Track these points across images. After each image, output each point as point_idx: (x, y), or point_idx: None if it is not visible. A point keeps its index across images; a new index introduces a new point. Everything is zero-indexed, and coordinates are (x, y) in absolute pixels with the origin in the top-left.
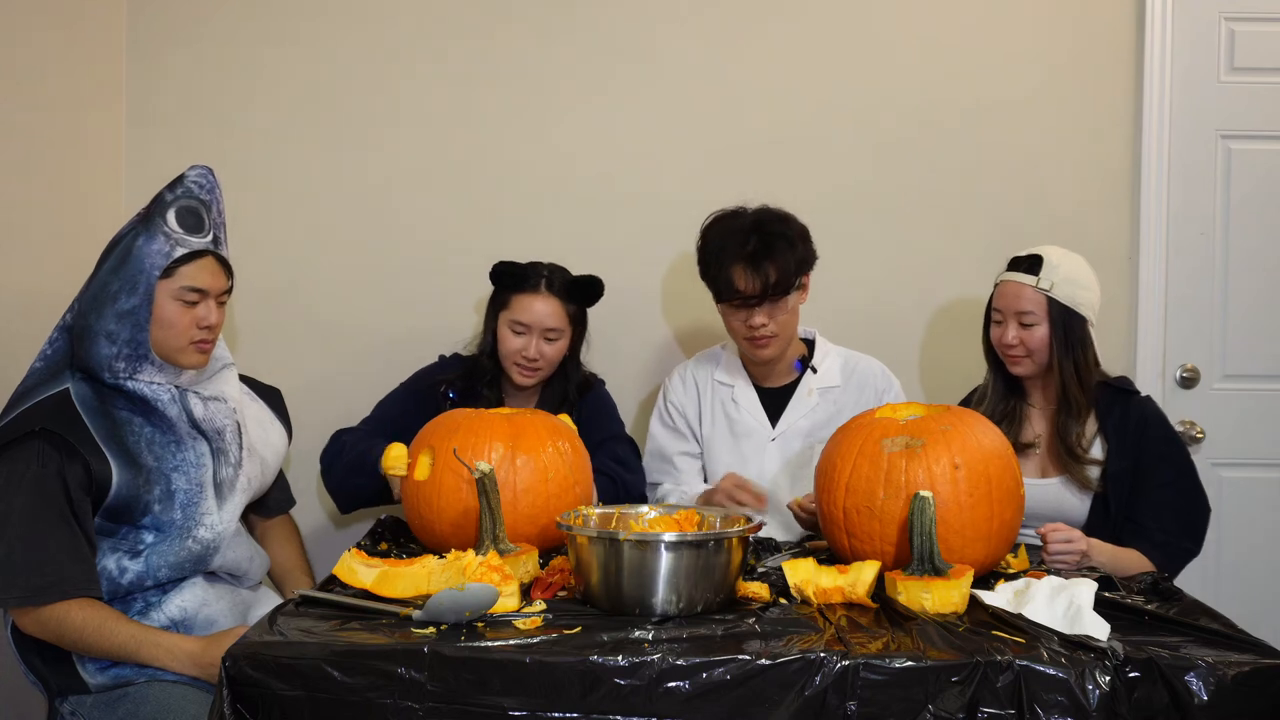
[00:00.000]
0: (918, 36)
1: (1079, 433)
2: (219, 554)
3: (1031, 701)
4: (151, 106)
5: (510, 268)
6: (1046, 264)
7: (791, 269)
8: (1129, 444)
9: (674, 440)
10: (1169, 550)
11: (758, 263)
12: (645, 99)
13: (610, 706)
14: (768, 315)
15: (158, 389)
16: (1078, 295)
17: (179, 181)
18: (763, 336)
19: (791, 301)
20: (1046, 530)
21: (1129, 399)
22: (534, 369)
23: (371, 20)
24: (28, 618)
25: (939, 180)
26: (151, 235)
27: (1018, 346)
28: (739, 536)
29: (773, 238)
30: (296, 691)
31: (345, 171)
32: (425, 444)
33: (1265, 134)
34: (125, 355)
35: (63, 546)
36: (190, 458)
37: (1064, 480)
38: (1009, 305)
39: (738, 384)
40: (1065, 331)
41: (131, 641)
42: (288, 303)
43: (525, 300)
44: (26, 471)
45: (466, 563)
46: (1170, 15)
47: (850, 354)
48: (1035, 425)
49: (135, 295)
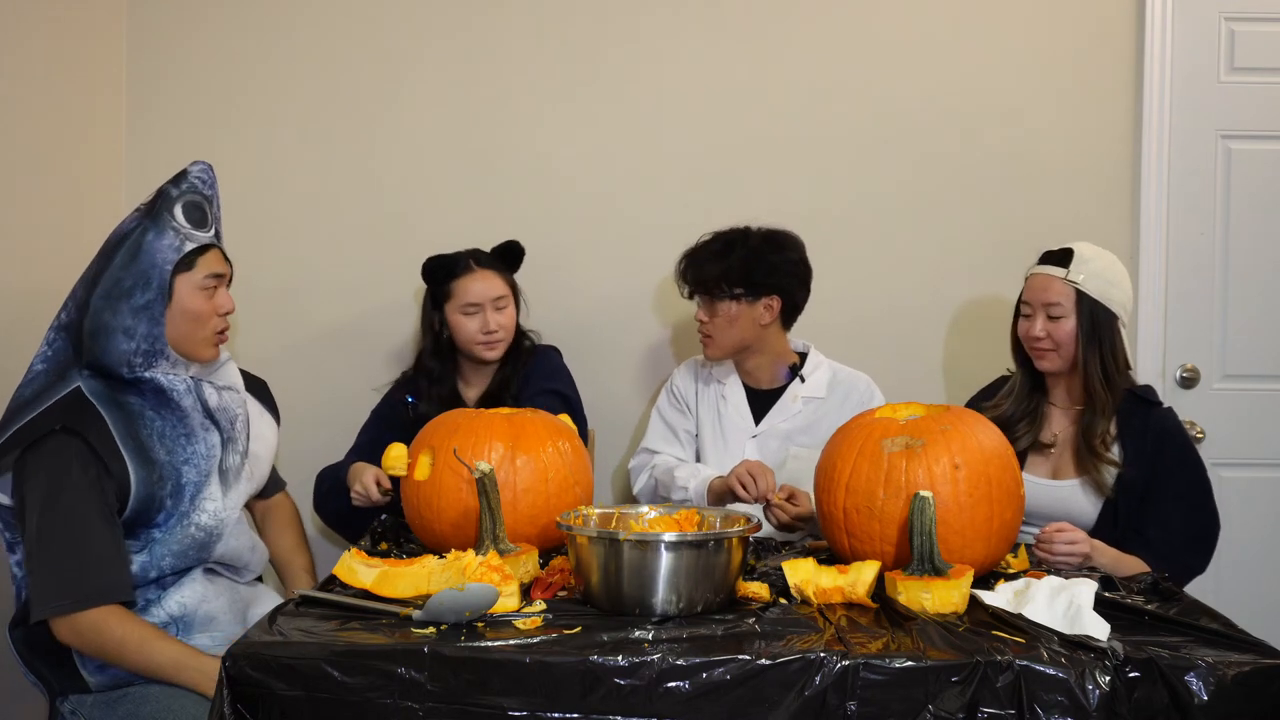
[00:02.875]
0: (918, 37)
1: (1104, 431)
2: (221, 541)
3: (1031, 701)
4: (152, 104)
5: (440, 260)
6: (1078, 257)
7: (735, 276)
8: (1146, 454)
9: (679, 417)
10: (1172, 565)
11: (700, 261)
12: (647, 100)
13: (610, 706)
14: (706, 313)
15: (174, 379)
16: (1109, 291)
17: (182, 177)
18: (701, 332)
19: (731, 309)
20: (1050, 530)
21: (1150, 409)
22: (496, 340)
23: (371, 19)
24: (65, 626)
25: (939, 181)
26: (161, 230)
27: (1045, 339)
28: (739, 536)
29: (735, 244)
30: (296, 691)
31: (344, 169)
32: (425, 444)
33: (1265, 134)
34: (143, 350)
35: (106, 550)
36: (201, 449)
37: (1080, 483)
38: (1037, 297)
39: (729, 382)
40: (1093, 326)
41: (171, 663)
42: (287, 299)
43: (464, 283)
44: (66, 475)
45: (466, 563)
46: (1170, 15)
47: (839, 367)
48: (1055, 424)
49: (150, 290)
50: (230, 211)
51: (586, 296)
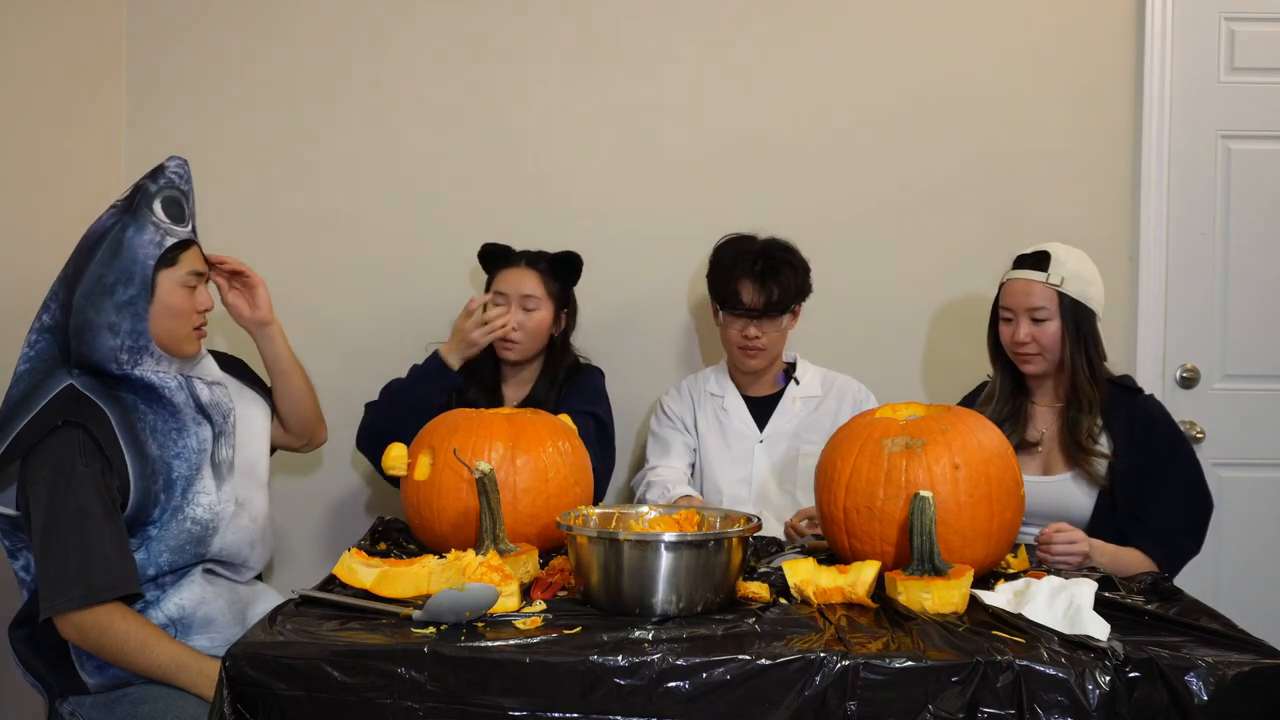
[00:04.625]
0: (917, 37)
1: (1090, 426)
2: (218, 535)
3: (1031, 701)
4: (152, 103)
5: (494, 248)
6: (1055, 260)
7: (792, 292)
8: (1137, 442)
9: (673, 433)
10: (1171, 548)
11: (764, 281)
12: (643, 103)
13: (610, 706)
14: (762, 329)
15: (164, 376)
16: (1086, 290)
17: (159, 172)
18: (754, 348)
19: (784, 322)
20: (1050, 531)
21: (1134, 397)
22: (512, 339)
23: (374, 16)
24: (69, 623)
25: (939, 181)
26: (141, 226)
27: (1030, 344)
28: (739, 536)
29: (780, 263)
30: (296, 691)
31: (344, 167)
32: (425, 444)
33: (1265, 134)
34: (128, 346)
35: (114, 545)
36: (192, 444)
37: (1072, 476)
38: (1019, 303)
39: (727, 394)
40: (1077, 325)
41: (172, 664)
42: (287, 298)
43: (505, 274)
44: (74, 470)
45: (466, 563)
46: (1170, 15)
47: (828, 372)
48: (1040, 423)
49: (132, 286)
50: (231, 208)
51: (595, 303)
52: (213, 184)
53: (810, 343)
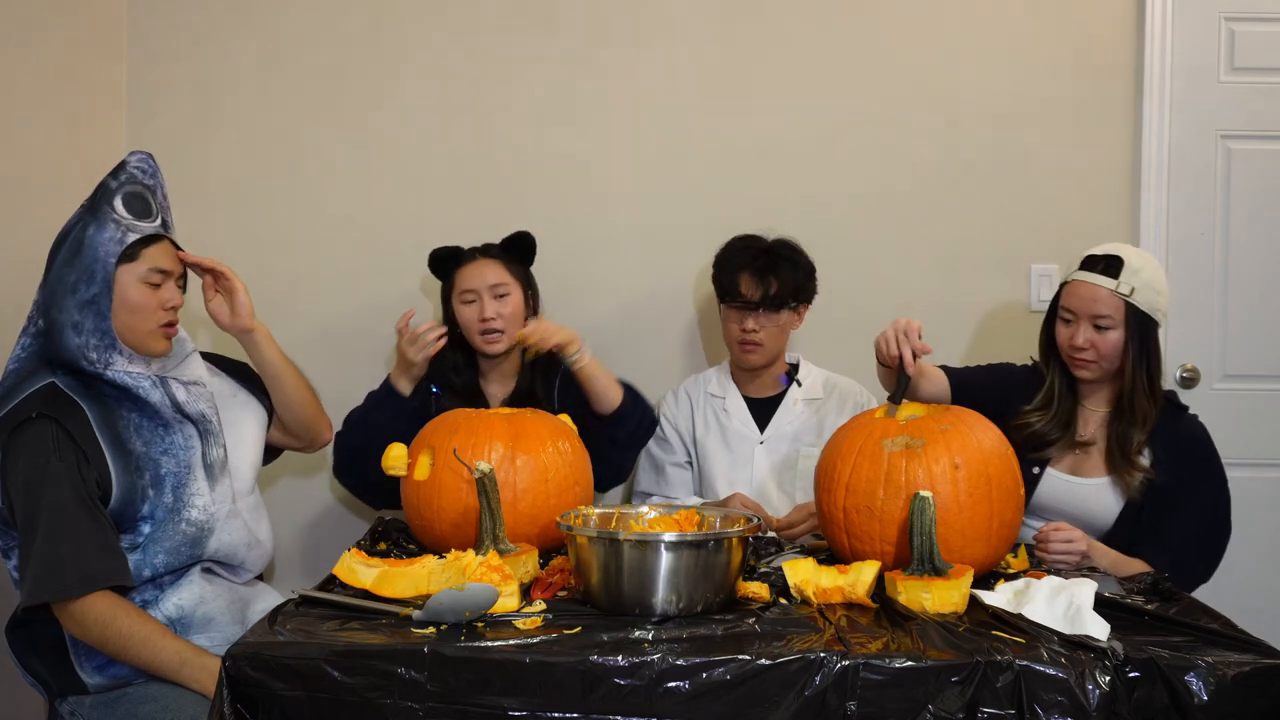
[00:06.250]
0: (917, 39)
1: (1140, 440)
2: (214, 536)
3: (1031, 701)
4: (152, 103)
5: (444, 250)
6: (1127, 267)
7: (790, 288)
8: (1176, 460)
9: (664, 452)
10: (1182, 569)
11: (763, 274)
12: (643, 102)
13: (610, 706)
14: (759, 323)
15: (138, 377)
16: (1156, 301)
17: (121, 168)
18: (751, 342)
19: (783, 319)
20: (1047, 529)
21: (1180, 415)
22: (496, 330)
23: (375, 13)
24: (71, 618)
25: (939, 181)
26: (101, 224)
27: (1088, 350)
28: (739, 536)
29: (781, 259)
30: (296, 691)
31: (344, 166)
32: (425, 444)
33: (1265, 134)
34: (94, 345)
35: (93, 535)
36: (178, 440)
37: (1109, 482)
38: (1083, 307)
39: (729, 395)
40: (1142, 338)
41: (175, 659)
42: (288, 296)
43: (464, 271)
44: (48, 464)
45: (466, 563)
46: (1170, 15)
47: (831, 374)
48: (1090, 425)
49: (94, 284)
50: (232, 207)
51: (596, 300)
52: (212, 183)
53: (810, 343)
